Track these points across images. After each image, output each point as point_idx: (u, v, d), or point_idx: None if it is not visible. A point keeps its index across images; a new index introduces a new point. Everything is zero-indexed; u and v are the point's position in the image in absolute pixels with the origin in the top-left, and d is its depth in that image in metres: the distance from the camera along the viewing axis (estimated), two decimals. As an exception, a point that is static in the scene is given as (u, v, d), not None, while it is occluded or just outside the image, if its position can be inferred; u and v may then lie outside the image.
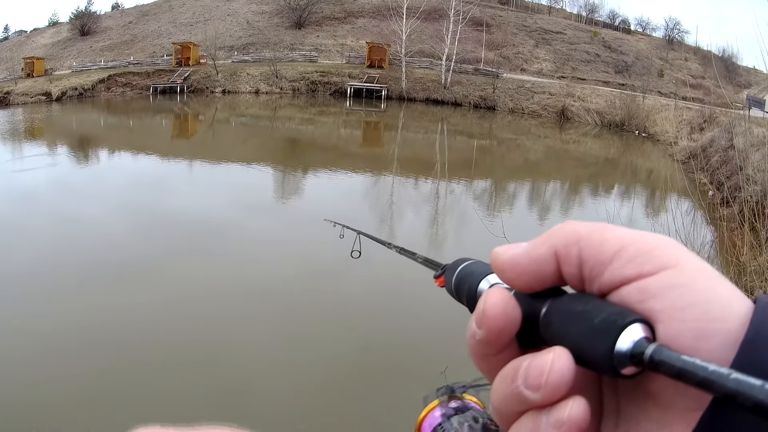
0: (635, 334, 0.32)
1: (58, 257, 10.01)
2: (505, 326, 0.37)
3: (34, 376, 6.17)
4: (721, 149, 18.44)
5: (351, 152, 26.60)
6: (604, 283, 0.35)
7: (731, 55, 57.60)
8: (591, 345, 0.33)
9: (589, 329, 0.33)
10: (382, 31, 48.14)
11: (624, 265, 0.34)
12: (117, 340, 7.03)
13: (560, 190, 20.96)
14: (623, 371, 0.32)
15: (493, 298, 0.37)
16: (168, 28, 57.73)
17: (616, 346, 0.32)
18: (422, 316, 7.45)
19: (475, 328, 0.38)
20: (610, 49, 57.07)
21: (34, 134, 27.89)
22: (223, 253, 10.52)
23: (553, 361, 0.33)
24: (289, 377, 6.55)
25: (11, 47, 58.03)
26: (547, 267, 0.38)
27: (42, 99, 37.85)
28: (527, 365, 0.34)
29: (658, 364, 0.30)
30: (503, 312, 0.37)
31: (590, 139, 35.19)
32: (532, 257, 0.38)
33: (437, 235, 13.24)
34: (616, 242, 0.36)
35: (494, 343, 0.38)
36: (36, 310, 7.76)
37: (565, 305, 0.36)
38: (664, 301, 0.32)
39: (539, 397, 0.33)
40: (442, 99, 43.76)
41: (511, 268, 0.39)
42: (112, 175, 18.50)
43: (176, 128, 33.34)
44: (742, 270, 6.05)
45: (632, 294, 0.34)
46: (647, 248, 0.35)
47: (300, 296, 8.74)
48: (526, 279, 0.38)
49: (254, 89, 44.34)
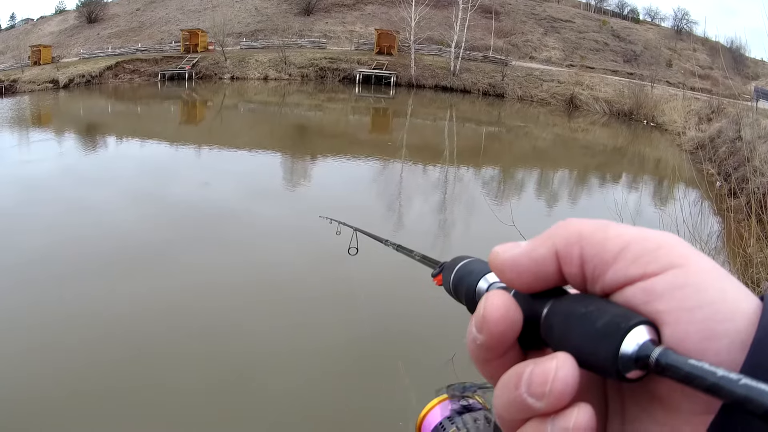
0: (640, 336, 0.31)
1: (65, 244, 10.11)
2: (507, 330, 0.36)
3: (42, 366, 6.26)
4: (729, 140, 18.42)
5: (360, 139, 26.64)
6: (607, 283, 0.34)
7: (739, 47, 57.00)
8: (594, 348, 0.32)
9: (593, 332, 0.32)
10: (391, 18, 47.92)
11: (628, 264, 0.34)
12: (118, 329, 7.12)
13: (568, 178, 20.98)
14: (628, 375, 0.31)
15: (493, 301, 0.36)
16: (176, 15, 57.62)
17: (620, 350, 0.31)
18: (427, 305, 7.53)
19: (476, 332, 0.37)
20: (618, 38, 56.71)
21: (42, 121, 28.02)
22: (227, 240, 10.59)
23: (557, 368, 0.32)
24: (294, 367, 6.63)
25: (18, 35, 57.95)
26: (547, 267, 0.37)
27: (49, 86, 37.86)
28: (530, 372, 0.33)
29: (665, 368, 0.29)
30: (504, 316, 0.36)
31: (598, 127, 35.08)
32: (532, 257, 0.37)
33: (446, 221, 13.30)
34: (619, 241, 0.34)
35: (496, 348, 0.37)
36: (43, 298, 7.86)
37: (567, 307, 0.35)
38: (670, 301, 0.32)
39: (543, 405, 0.32)
40: (450, 86, 43.60)
41: (511, 269, 0.38)
42: (119, 162, 18.62)
43: (184, 114, 33.41)
44: (748, 262, 6.11)
45: (637, 295, 0.33)
46: (652, 247, 0.34)
47: (305, 285, 8.77)
48: (526, 279, 0.37)
49: (263, 76, 44.30)
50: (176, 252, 10.07)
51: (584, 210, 15.06)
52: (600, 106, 39.59)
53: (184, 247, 10.34)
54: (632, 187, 19.10)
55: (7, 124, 25.40)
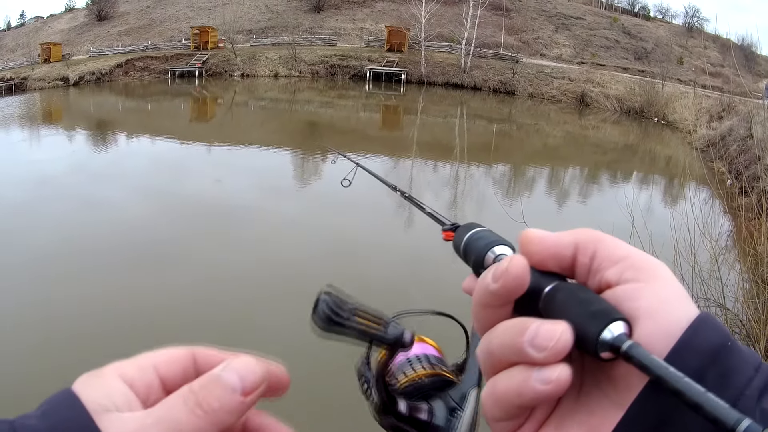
0: (617, 329, 0.38)
1: (77, 240, 10.22)
2: (517, 287, 0.42)
3: (52, 360, 6.22)
4: (740, 138, 18.36)
5: (370, 135, 26.70)
6: (605, 277, 0.43)
7: (750, 44, 56.77)
8: (583, 327, 0.39)
9: (586, 314, 0.40)
10: (402, 15, 47.93)
11: (626, 268, 0.42)
12: (129, 322, 7.18)
13: (579, 176, 20.95)
14: (602, 354, 0.38)
15: (518, 261, 0.42)
16: (186, 12, 57.86)
17: (601, 335, 0.38)
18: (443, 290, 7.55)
19: (491, 281, 0.43)
20: (629, 36, 56.53)
21: (53, 118, 28.21)
22: (239, 237, 10.67)
23: (562, 331, 0.39)
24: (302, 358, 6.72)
25: (28, 33, 58.36)
26: (566, 251, 0.45)
27: (59, 84, 38.24)
28: (536, 327, 0.39)
29: (630, 357, 0.37)
30: (521, 275, 0.42)
31: (609, 125, 35.01)
32: (557, 239, 0.45)
33: (456, 219, 13.17)
34: (624, 251, 0.43)
35: (502, 297, 0.43)
36: (53, 294, 7.94)
37: (571, 289, 0.43)
38: (644, 303, 0.40)
39: (542, 357, 0.39)
40: (461, 83, 43.65)
41: (538, 242, 0.45)
42: (130, 159, 18.80)
43: (195, 111, 33.62)
44: (759, 260, 6.09)
45: (625, 292, 0.41)
46: (644, 263, 0.42)
47: (316, 278, 8.82)
48: (545, 255, 0.45)
49: (273, 73, 44.48)
50: (187, 248, 10.14)
51: (595, 208, 15.04)
52: (611, 104, 39.50)
53: (195, 243, 10.41)
54: (643, 185, 19.07)
55: (19, 121, 25.59)
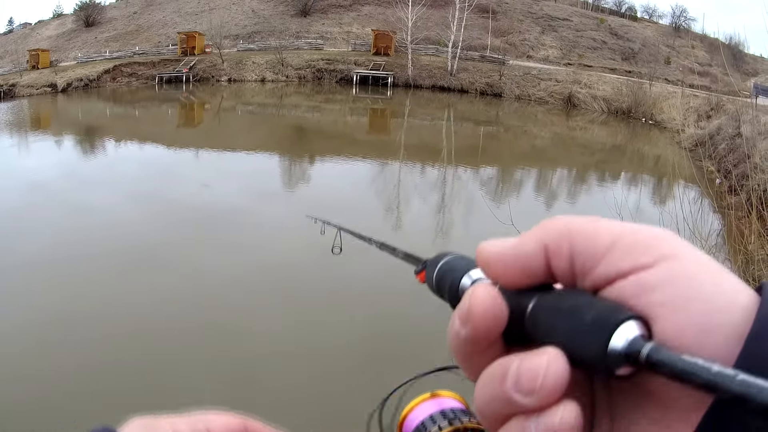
0: (630, 332, 0.30)
1: (67, 246, 10.13)
2: (492, 324, 0.34)
3: (45, 366, 6.29)
4: (729, 137, 18.39)
5: (357, 139, 26.64)
6: (597, 277, 0.33)
7: (738, 43, 57.00)
8: (582, 344, 0.31)
9: (581, 327, 0.31)
10: (388, 19, 47.87)
11: (619, 257, 0.32)
12: (113, 330, 7.15)
13: (567, 177, 20.98)
14: (618, 372, 0.30)
15: (478, 294, 0.35)
16: (173, 18, 57.62)
17: (609, 345, 0.29)
18: (426, 303, 7.46)
19: (459, 326, 0.35)
20: (616, 36, 56.73)
21: (41, 125, 28.02)
22: (227, 241, 10.59)
23: (548, 364, 0.30)
24: (293, 364, 6.63)
25: (16, 40, 57.81)
26: (535, 262, 0.35)
27: (47, 90, 37.94)
28: (517, 367, 0.31)
29: (656, 365, 0.28)
30: (490, 309, 0.34)
31: (597, 126, 35.13)
32: (519, 251, 0.36)
33: (444, 221, 13.27)
34: (610, 234, 0.33)
35: (480, 342, 0.35)
36: (46, 300, 7.87)
37: (555, 301, 0.34)
38: (664, 294, 0.30)
39: (532, 402, 0.31)
40: (448, 86, 43.65)
41: (497, 262, 0.36)
42: (118, 165, 18.64)
43: (182, 117, 33.42)
44: (749, 259, 6.07)
45: (629, 288, 0.32)
46: (643, 239, 0.33)
47: (300, 285, 8.80)
48: (513, 274, 0.36)
49: (260, 77, 44.35)
50: (176, 253, 10.10)
51: (584, 209, 14.99)
52: (598, 105, 39.61)
53: (183, 248, 10.37)
54: (632, 185, 19.08)
55: (7, 128, 25.41)
